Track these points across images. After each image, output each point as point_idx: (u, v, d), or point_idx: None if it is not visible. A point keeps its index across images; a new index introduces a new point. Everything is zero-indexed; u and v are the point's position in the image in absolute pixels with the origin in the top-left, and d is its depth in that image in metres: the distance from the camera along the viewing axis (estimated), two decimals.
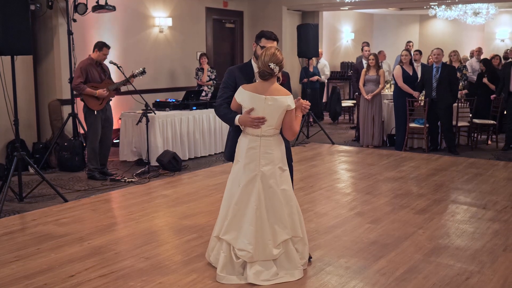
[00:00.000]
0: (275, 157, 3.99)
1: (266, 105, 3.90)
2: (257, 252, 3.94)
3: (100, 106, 7.28)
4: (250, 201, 3.96)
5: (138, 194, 6.62)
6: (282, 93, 3.94)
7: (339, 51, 16.30)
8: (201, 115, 8.82)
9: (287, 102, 3.91)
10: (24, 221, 5.54)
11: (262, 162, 3.97)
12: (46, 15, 8.51)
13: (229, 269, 4.02)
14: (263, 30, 4.32)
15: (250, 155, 3.99)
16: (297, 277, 4.03)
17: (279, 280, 3.97)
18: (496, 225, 5.37)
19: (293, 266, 4.05)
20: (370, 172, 7.82)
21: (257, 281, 3.94)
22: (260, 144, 3.98)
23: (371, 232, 5.15)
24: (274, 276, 3.98)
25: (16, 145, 6.27)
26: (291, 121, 3.97)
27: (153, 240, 4.95)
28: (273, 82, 3.95)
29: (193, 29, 11.28)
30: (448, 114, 9.15)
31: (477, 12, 13.96)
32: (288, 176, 4.12)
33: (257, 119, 3.91)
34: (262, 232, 3.95)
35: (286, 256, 4.04)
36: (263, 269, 3.96)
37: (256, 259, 3.96)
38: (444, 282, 4.02)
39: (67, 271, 4.22)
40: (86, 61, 7.25)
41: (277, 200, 3.98)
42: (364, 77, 9.83)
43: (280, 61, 3.90)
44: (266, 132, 3.97)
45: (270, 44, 4.13)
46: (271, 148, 3.99)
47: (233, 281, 3.98)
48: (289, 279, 4.00)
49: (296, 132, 4.05)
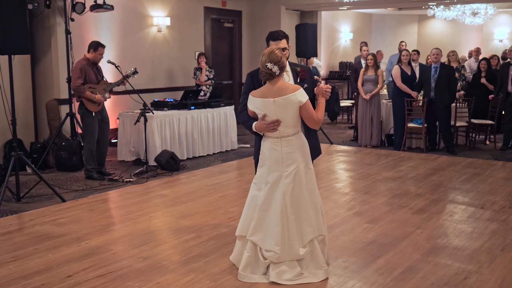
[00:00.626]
0: (297, 156, 3.97)
1: (277, 107, 3.87)
2: (284, 252, 3.93)
3: (98, 107, 7.27)
4: (276, 202, 3.96)
5: (136, 194, 6.61)
6: (290, 90, 3.88)
7: (338, 51, 16.30)
8: (199, 115, 8.81)
9: (297, 98, 3.87)
10: (22, 221, 5.53)
11: (286, 163, 3.96)
12: (44, 14, 8.49)
13: (253, 268, 4.03)
14: (270, 32, 4.30)
15: (273, 157, 3.99)
16: (321, 278, 3.98)
17: (302, 281, 3.94)
18: (494, 225, 5.37)
19: (317, 266, 4.02)
20: (369, 172, 7.82)
21: (280, 280, 3.93)
22: (281, 145, 3.97)
23: (369, 231, 5.14)
24: (298, 276, 3.95)
25: (13, 144, 6.27)
26: (308, 113, 3.91)
27: (151, 240, 4.94)
28: (277, 82, 3.90)
29: (192, 28, 11.27)
30: (446, 114, 9.15)
31: (475, 12, 13.97)
32: (313, 174, 4.10)
33: (271, 123, 3.91)
34: (288, 233, 3.93)
35: (311, 256, 4.02)
36: (287, 269, 3.95)
37: (283, 260, 3.95)
38: (442, 281, 4.01)
39: (64, 271, 4.20)
40: (83, 61, 7.22)
41: (302, 199, 3.96)
42: (363, 77, 9.83)
43: (278, 60, 3.85)
44: (285, 132, 3.95)
45: (278, 44, 4.12)
46: (293, 147, 3.97)
47: (255, 280, 3.98)
48: (312, 280, 3.96)
49: (319, 120, 3.97)
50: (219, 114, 9.20)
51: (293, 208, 3.95)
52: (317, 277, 3.98)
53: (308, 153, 4.07)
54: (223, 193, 6.63)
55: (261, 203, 4.01)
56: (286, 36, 4.24)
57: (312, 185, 4.07)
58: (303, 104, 3.88)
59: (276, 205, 3.95)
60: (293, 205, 3.95)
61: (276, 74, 3.87)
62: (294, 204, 3.95)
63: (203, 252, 4.59)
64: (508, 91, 9.46)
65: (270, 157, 4.01)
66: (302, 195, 3.97)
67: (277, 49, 3.92)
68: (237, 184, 7.18)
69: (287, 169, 3.95)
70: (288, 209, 3.94)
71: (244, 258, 4.06)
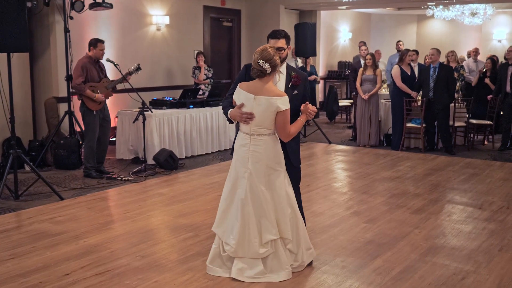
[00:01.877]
0: (264, 156, 3.95)
1: (255, 105, 3.88)
2: (241, 248, 3.96)
3: (98, 106, 7.27)
4: (237, 197, 4.00)
5: (134, 192, 6.61)
6: (274, 94, 3.87)
7: (337, 51, 16.30)
8: (198, 114, 8.81)
9: (276, 104, 3.85)
10: (20, 219, 5.53)
11: (250, 160, 3.97)
12: (43, 12, 8.49)
13: (218, 262, 4.10)
14: (272, 30, 4.28)
15: (240, 152, 4.02)
16: (283, 278, 3.98)
17: (264, 279, 3.96)
18: (492, 225, 5.38)
19: (281, 266, 4.01)
20: (367, 171, 7.82)
21: (240, 277, 3.97)
22: (250, 142, 3.98)
23: (367, 231, 5.15)
24: (260, 274, 3.97)
25: (12, 142, 6.27)
26: (283, 122, 3.90)
27: (149, 238, 4.94)
28: (266, 82, 3.89)
29: (191, 27, 11.26)
30: (445, 114, 9.16)
31: (474, 12, 13.97)
32: (283, 178, 4.03)
33: (245, 114, 3.92)
34: (248, 229, 3.95)
35: (275, 256, 4.01)
36: (247, 267, 3.98)
37: (240, 255, 3.98)
38: (439, 281, 4.02)
39: (62, 269, 4.20)
40: (85, 59, 7.23)
41: (263, 199, 3.95)
42: (361, 77, 9.83)
43: (270, 58, 3.83)
44: (256, 131, 3.95)
45: (276, 43, 4.10)
46: (261, 147, 3.96)
47: (219, 273, 4.06)
48: (274, 279, 3.97)
49: (290, 134, 3.96)
50: (217, 113, 9.20)
51: (254, 206, 3.96)
52: (279, 277, 3.98)
53: (278, 156, 4.01)
54: (221, 192, 6.57)
55: (226, 196, 4.09)
56: (286, 36, 4.21)
57: (279, 188, 3.99)
58: (281, 111, 3.86)
59: (238, 200, 3.99)
60: (254, 203, 3.96)
61: (267, 72, 3.86)
62: (256, 203, 3.96)
63: (201, 251, 4.59)
64: (506, 91, 9.48)
65: (238, 152, 4.04)
66: (263, 196, 3.94)
67: (270, 47, 3.91)
68: None
69: (251, 166, 3.95)
70: (249, 206, 3.95)
71: (212, 250, 4.16)
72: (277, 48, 4.05)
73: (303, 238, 4.15)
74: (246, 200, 3.96)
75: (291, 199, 4.08)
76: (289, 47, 4.23)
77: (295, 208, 4.10)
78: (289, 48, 4.25)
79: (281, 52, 4.09)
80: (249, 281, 3.94)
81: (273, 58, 3.85)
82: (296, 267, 4.11)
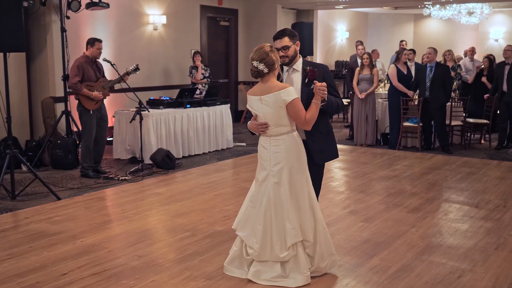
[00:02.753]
0: (285, 157, 3.88)
1: (263, 106, 3.84)
2: (263, 251, 3.91)
3: (95, 105, 7.27)
4: (262, 200, 3.94)
5: (132, 192, 6.60)
6: (277, 89, 3.81)
7: (334, 50, 16.30)
8: (195, 113, 8.81)
9: (281, 97, 3.78)
10: (17, 219, 5.52)
11: (273, 162, 3.91)
12: (39, 12, 8.47)
13: (237, 264, 4.06)
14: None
15: (262, 155, 3.99)
16: (300, 284, 3.89)
17: (280, 284, 3.89)
18: (489, 223, 5.39)
19: (299, 271, 3.92)
20: (364, 170, 7.83)
21: (257, 279, 3.93)
22: (270, 144, 3.93)
23: (364, 230, 5.16)
24: (277, 278, 3.90)
25: (8, 142, 6.26)
26: (295, 112, 3.82)
27: (146, 238, 4.94)
28: (268, 80, 3.85)
29: (188, 27, 11.26)
30: (441, 113, 9.18)
31: (471, 11, 13.99)
32: (304, 179, 3.95)
33: (260, 125, 3.89)
34: (270, 233, 3.89)
35: (295, 260, 3.93)
36: (265, 269, 3.93)
37: (264, 259, 3.93)
38: (436, 280, 4.03)
39: (59, 269, 4.20)
40: (81, 59, 7.22)
41: (285, 202, 3.89)
42: (358, 76, 9.84)
43: (264, 57, 3.77)
44: (273, 131, 3.90)
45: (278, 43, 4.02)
46: (280, 148, 3.89)
47: (235, 274, 4.04)
48: (291, 284, 3.89)
49: (307, 120, 3.85)
50: (214, 112, 9.20)
51: (276, 210, 3.90)
52: (296, 282, 3.90)
53: (300, 155, 3.94)
54: (218, 191, 6.64)
55: (250, 199, 4.04)
56: (289, 34, 4.06)
57: (301, 189, 3.93)
58: (288, 102, 3.79)
59: (262, 203, 3.93)
60: (277, 206, 3.90)
61: (264, 73, 3.82)
62: (278, 205, 3.90)
63: (198, 251, 4.59)
64: (503, 90, 9.49)
65: (261, 155, 4.01)
66: (286, 197, 3.89)
67: (268, 45, 3.86)
68: (233, 183, 7.19)
69: (274, 168, 3.90)
70: (272, 209, 3.90)
71: (231, 252, 4.12)
72: (282, 47, 3.99)
73: (324, 242, 4.01)
74: (269, 204, 3.90)
75: (313, 200, 3.99)
76: (297, 43, 4.08)
77: (315, 210, 3.99)
78: (298, 44, 4.09)
79: (286, 51, 4.00)
80: (265, 283, 3.90)
81: (267, 57, 3.79)
82: (312, 272, 4.01)
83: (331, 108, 4.06)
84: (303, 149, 3.99)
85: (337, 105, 4.11)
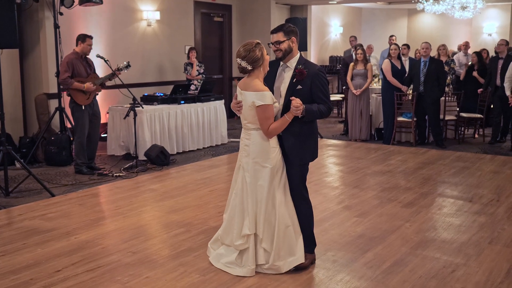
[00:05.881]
0: (252, 150, 3.98)
1: (243, 100, 3.97)
2: (226, 235, 4.14)
3: (87, 101, 7.24)
4: (234, 187, 4.16)
5: (126, 188, 6.60)
6: (253, 89, 3.85)
7: (328, 45, 16.30)
8: (189, 109, 8.80)
9: (251, 98, 3.84)
10: (11, 216, 5.51)
11: (243, 154, 4.07)
12: (32, 8, 8.43)
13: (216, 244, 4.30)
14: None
15: (240, 145, 4.16)
16: (239, 274, 3.97)
17: (228, 270, 4.04)
18: (482, 218, 5.42)
19: (247, 262, 4.00)
20: (358, 166, 7.85)
21: (215, 261, 4.16)
22: (244, 136, 4.09)
23: (359, 225, 5.17)
24: (231, 264, 4.06)
25: (2, 139, 6.23)
26: (260, 118, 3.85)
27: (140, 234, 4.94)
28: (253, 77, 3.89)
29: (181, 23, 11.23)
30: (435, 108, 9.20)
31: (464, 6, 13.99)
32: (268, 175, 3.93)
33: (237, 103, 4.01)
34: (233, 219, 4.08)
35: (246, 251, 4.03)
36: (225, 254, 4.13)
37: (225, 242, 4.13)
38: (430, 274, 4.05)
39: (53, 266, 4.20)
40: (71, 55, 7.19)
41: (246, 193, 4.03)
42: (352, 71, 9.84)
43: (246, 55, 3.79)
44: (245, 125, 4.04)
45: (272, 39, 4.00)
46: (249, 141, 4.01)
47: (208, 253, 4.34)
48: (235, 272, 4.00)
49: (269, 131, 3.86)
50: (209, 108, 9.19)
51: (240, 199, 4.06)
52: (239, 272, 3.99)
53: (266, 152, 3.93)
54: (213, 187, 6.64)
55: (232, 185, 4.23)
56: (283, 29, 4.00)
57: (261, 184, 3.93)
58: (258, 106, 3.81)
59: (233, 190, 4.17)
60: (242, 196, 4.06)
61: (248, 69, 3.86)
62: (243, 196, 4.05)
63: (192, 247, 4.60)
64: (496, 84, 9.52)
65: (240, 145, 4.17)
66: (247, 189, 4.01)
67: (255, 42, 3.84)
68: (227, 179, 7.18)
69: (243, 160, 4.06)
70: (239, 197, 4.07)
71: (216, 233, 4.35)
72: (274, 42, 3.98)
73: (284, 241, 3.98)
74: (236, 192, 4.10)
75: (276, 199, 3.96)
76: (292, 39, 3.98)
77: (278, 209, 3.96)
78: (293, 41, 3.99)
79: (279, 46, 3.95)
80: (218, 267, 4.10)
81: (249, 55, 3.79)
82: (267, 268, 4.01)
83: (312, 118, 3.97)
84: (272, 147, 3.96)
85: (321, 113, 3.94)
